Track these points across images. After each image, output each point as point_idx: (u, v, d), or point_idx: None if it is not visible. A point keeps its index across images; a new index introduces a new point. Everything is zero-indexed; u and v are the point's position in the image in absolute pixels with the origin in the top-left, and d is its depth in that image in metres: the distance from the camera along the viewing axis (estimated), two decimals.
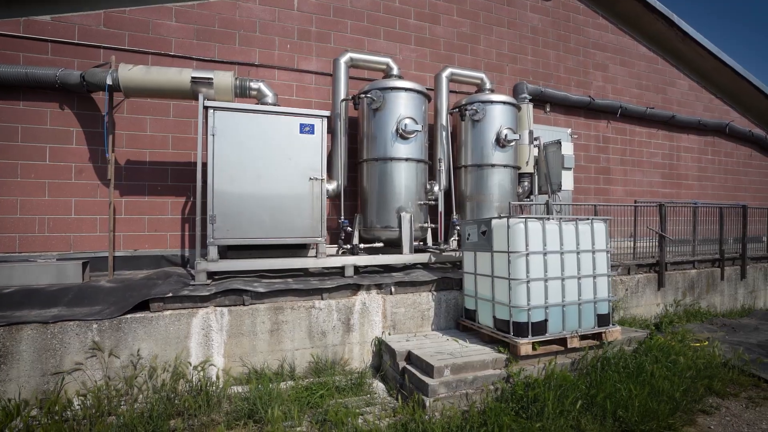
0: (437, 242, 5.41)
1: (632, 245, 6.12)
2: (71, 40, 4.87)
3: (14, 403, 3.10)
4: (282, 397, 3.33)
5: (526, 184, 6.32)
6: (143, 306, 3.69)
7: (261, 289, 3.98)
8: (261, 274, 4.62)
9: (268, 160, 4.36)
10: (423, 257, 5.02)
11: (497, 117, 5.66)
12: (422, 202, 5.20)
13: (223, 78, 4.34)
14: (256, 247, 4.69)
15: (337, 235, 5.14)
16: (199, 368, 3.48)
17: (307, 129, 4.51)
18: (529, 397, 3.25)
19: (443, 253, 5.13)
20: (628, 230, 6.30)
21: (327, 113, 4.59)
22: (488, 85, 6.03)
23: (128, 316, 3.57)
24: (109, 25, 5.03)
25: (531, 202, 5.76)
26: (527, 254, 3.67)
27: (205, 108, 4.15)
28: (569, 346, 3.77)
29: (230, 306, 3.90)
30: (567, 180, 5.97)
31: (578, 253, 3.92)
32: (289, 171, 4.45)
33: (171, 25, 5.29)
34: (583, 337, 3.92)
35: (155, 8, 5.21)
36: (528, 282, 3.65)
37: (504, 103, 5.68)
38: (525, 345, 3.56)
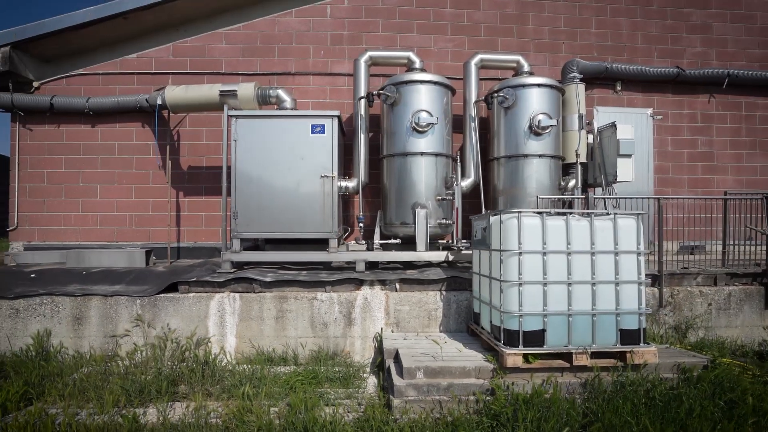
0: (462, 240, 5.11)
1: (721, 249, 4.82)
2: (149, 71, 6.02)
3: (80, 355, 4.02)
4: (267, 379, 3.61)
5: (578, 175, 5.50)
6: (175, 288, 4.39)
7: (268, 279, 4.34)
8: (283, 266, 5.03)
9: (282, 161, 4.72)
10: (439, 255, 4.81)
11: (533, 102, 5.08)
12: (441, 198, 4.98)
13: (246, 89, 4.86)
14: (286, 240, 5.12)
15: (369, 231, 5.25)
16: (203, 344, 3.99)
17: (318, 129, 4.74)
18: (506, 414, 2.89)
19: (462, 252, 4.83)
20: (717, 231, 4.98)
21: (336, 113, 4.75)
22: (526, 68, 5.43)
23: (162, 295, 4.29)
24: (175, 54, 6.06)
25: (570, 196, 4.99)
26: (520, 253, 3.24)
27: (229, 117, 4.71)
28: (575, 363, 3.20)
29: (242, 293, 4.36)
30: (625, 169, 5.02)
31: (593, 254, 3.29)
32: (302, 170, 4.74)
33: (221, 47, 6.10)
34: (600, 355, 3.29)
35: (209, 35, 6.08)
36: (520, 285, 3.23)
37: (539, 85, 5.06)
38: (512, 356, 3.16)
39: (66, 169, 5.98)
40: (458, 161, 4.83)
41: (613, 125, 5.04)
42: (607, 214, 3.39)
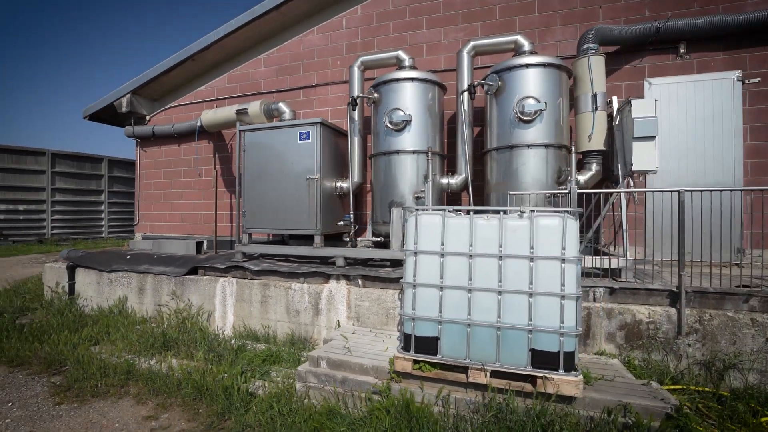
0: None
1: None
2: (212, 98, 7.52)
3: (137, 315, 5.49)
4: (229, 351, 4.30)
5: (593, 165, 4.62)
6: (196, 271, 5.51)
7: (255, 268, 5.06)
8: (287, 258, 5.71)
9: (277, 166, 5.39)
10: None
11: (522, 85, 4.50)
12: (417, 195, 4.88)
13: (254, 107, 5.70)
14: (295, 236, 5.84)
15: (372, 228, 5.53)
16: (205, 317, 4.94)
17: (304, 136, 5.24)
18: (377, 416, 2.85)
19: None
20: None
21: (319, 120, 5.16)
22: (526, 47, 4.80)
23: (187, 276, 5.46)
24: (230, 82, 7.42)
25: (562, 190, 4.20)
26: (415, 253, 3.09)
27: (240, 131, 5.62)
28: (470, 379, 2.88)
29: (239, 278, 5.18)
30: (646, 156, 3.99)
31: (500, 258, 2.89)
32: (293, 173, 5.31)
33: (261, 71, 7.18)
34: (509, 376, 2.86)
35: (252, 62, 7.23)
36: (414, 287, 3.08)
37: (528, 66, 4.44)
38: (400, 360, 3.05)
39: (164, 179, 7.99)
40: (429, 156, 4.65)
41: (628, 102, 4.07)
42: (522, 212, 2.92)
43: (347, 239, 5.52)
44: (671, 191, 3.60)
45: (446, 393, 2.93)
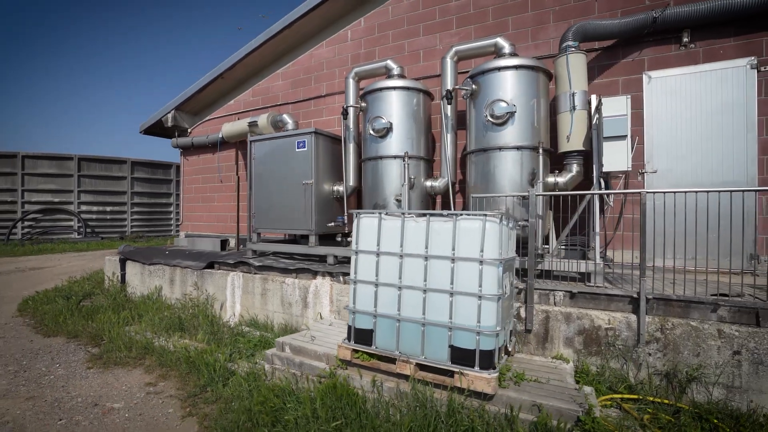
0: None
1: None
2: (240, 110, 8.38)
3: (167, 301, 6.40)
4: (226, 335, 4.91)
5: (573, 166, 4.51)
6: (213, 265, 6.28)
7: (257, 264, 5.66)
8: (292, 256, 6.27)
9: (280, 172, 5.95)
10: None
11: (500, 88, 4.52)
12: (396, 198, 5.12)
13: (263, 119, 6.33)
14: (304, 235, 6.38)
15: None
16: (216, 305, 5.64)
17: (301, 145, 5.73)
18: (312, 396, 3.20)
19: None
20: None
21: (313, 129, 5.61)
22: (506, 49, 4.80)
23: (206, 270, 6.24)
24: (254, 95, 8.21)
25: (525, 193, 4.14)
26: (356, 252, 3.38)
27: (249, 142, 6.28)
28: (397, 370, 3.09)
29: (245, 272, 5.83)
30: (617, 155, 3.84)
31: (425, 258, 3.06)
32: (292, 179, 5.84)
33: (279, 84, 7.86)
34: (435, 371, 3.03)
35: (272, 76, 7.94)
36: (355, 283, 3.37)
37: (500, 68, 4.46)
38: (342, 348, 3.35)
39: (201, 184, 9.05)
40: (406, 161, 4.86)
41: (599, 100, 3.94)
42: (444, 215, 3.07)
43: (339, 239, 5.91)
44: (633, 192, 3.47)
45: (380, 381, 3.18)
